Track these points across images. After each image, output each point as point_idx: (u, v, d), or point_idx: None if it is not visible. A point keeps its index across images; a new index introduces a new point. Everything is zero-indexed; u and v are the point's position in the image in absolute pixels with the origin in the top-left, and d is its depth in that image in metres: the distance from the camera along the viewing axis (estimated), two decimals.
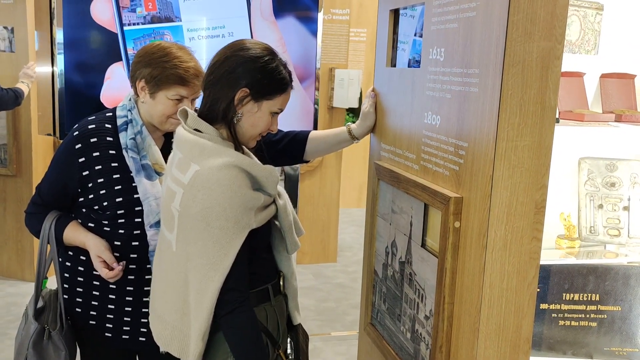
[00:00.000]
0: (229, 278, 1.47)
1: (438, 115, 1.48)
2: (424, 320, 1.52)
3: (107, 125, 1.82)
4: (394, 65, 1.84)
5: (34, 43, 4.34)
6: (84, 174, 1.77)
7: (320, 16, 3.43)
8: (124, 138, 1.79)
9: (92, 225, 1.81)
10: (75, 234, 1.80)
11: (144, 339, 1.86)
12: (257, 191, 1.53)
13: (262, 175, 1.53)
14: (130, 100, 1.85)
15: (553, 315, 1.69)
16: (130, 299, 1.83)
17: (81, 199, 1.81)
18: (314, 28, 3.40)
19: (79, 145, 1.78)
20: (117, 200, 1.77)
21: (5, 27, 4.46)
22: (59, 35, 2.97)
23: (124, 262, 1.78)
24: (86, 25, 2.98)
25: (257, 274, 1.61)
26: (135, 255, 1.80)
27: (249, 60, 1.54)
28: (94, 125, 1.81)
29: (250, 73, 1.53)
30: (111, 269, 1.75)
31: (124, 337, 1.86)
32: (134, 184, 1.77)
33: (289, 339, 1.74)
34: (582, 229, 1.83)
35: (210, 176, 1.46)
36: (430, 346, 1.48)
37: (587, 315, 1.69)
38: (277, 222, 1.66)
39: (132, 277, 1.82)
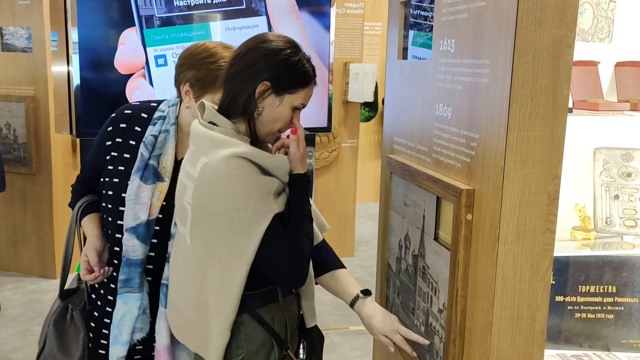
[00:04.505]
0: None
1: (449, 107, 1.47)
2: (438, 313, 1.51)
3: (143, 115, 1.75)
4: (405, 58, 1.82)
5: (50, 43, 4.39)
6: (107, 157, 1.75)
7: (333, 11, 3.43)
8: (149, 132, 1.71)
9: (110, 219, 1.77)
10: (87, 226, 1.79)
11: None
12: (269, 176, 1.49)
13: (274, 166, 1.49)
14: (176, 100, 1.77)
15: (569, 307, 1.68)
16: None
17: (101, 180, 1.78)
18: (327, 23, 3.40)
19: (110, 128, 1.74)
20: (109, 192, 1.73)
21: (23, 28, 4.52)
22: (74, 35, 3.00)
23: (109, 268, 1.73)
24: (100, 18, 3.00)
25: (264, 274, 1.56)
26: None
27: (271, 53, 1.50)
28: (130, 111, 1.76)
29: (272, 66, 1.50)
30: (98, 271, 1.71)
31: None
32: (129, 182, 1.70)
33: (302, 341, 1.69)
34: (597, 220, 1.81)
35: (219, 168, 1.44)
36: (443, 339, 1.48)
37: (604, 308, 1.67)
38: None
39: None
